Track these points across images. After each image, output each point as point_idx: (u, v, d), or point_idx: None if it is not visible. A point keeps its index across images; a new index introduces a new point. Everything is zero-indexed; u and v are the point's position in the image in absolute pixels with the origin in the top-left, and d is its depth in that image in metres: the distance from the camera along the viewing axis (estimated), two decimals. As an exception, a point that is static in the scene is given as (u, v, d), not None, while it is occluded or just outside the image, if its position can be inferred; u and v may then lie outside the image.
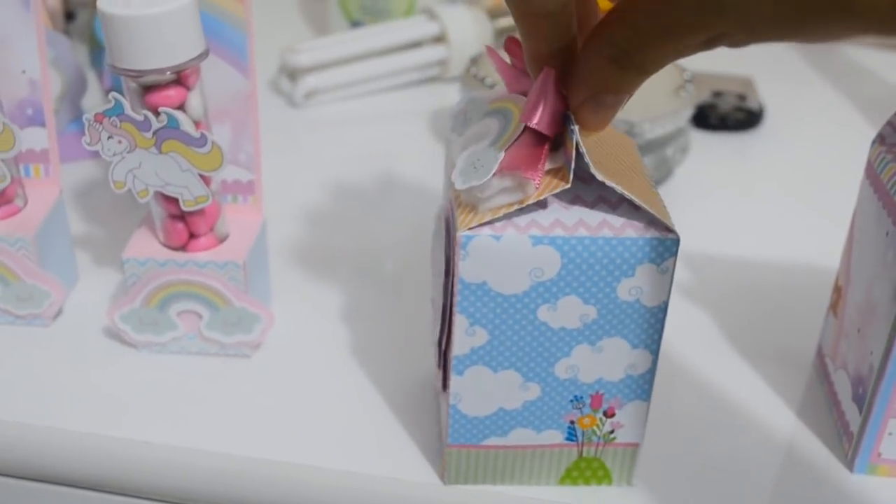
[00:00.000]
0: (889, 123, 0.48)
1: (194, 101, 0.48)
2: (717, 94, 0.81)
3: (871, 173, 0.49)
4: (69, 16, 0.83)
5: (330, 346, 0.55)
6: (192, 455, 0.48)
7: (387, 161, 0.75)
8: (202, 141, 0.47)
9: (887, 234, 0.46)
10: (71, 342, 0.54)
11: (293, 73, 0.81)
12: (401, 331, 0.56)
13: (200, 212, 0.50)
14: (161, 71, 0.46)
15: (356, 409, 0.50)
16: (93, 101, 0.75)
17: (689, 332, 0.57)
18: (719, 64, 0.83)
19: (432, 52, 0.84)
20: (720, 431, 0.51)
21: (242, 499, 0.47)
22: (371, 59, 0.83)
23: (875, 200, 0.48)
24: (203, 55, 0.47)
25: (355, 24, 0.90)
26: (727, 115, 0.80)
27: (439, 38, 0.85)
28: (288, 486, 0.47)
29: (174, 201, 0.49)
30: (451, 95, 0.83)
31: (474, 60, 0.73)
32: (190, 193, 0.49)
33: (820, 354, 0.55)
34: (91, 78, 0.78)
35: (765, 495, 0.47)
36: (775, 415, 0.52)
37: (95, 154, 0.53)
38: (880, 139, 0.49)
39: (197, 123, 0.48)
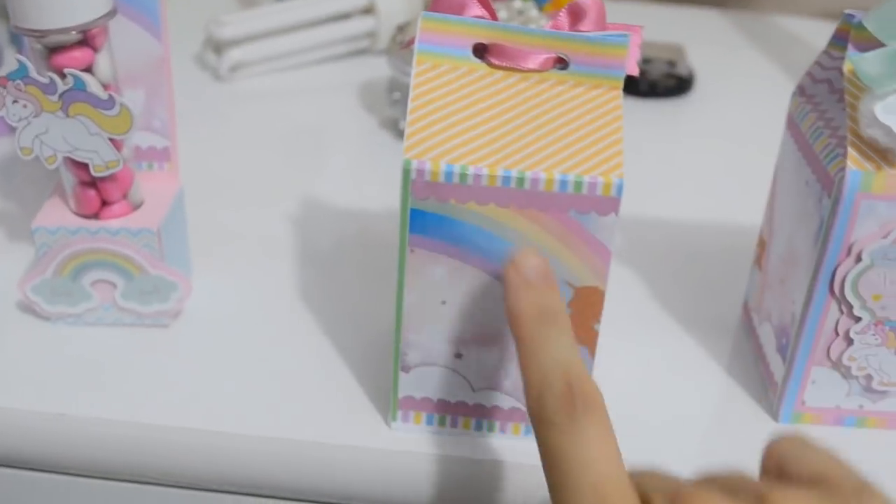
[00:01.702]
0: (808, 74, 0.48)
1: (102, 63, 0.47)
2: (647, 61, 0.81)
3: (792, 125, 0.49)
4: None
5: (251, 316, 0.54)
6: (110, 426, 0.46)
7: (316, 135, 0.74)
8: (110, 103, 0.45)
9: (807, 183, 0.46)
10: (-17, 317, 0.53)
11: (218, 46, 0.80)
12: (322, 299, 0.55)
13: (112, 178, 0.49)
14: (66, 31, 0.44)
15: (278, 375, 0.49)
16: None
17: (620, 294, 0.57)
18: (648, 31, 0.82)
19: (361, 24, 0.83)
20: (651, 389, 0.50)
21: (163, 469, 0.46)
22: (298, 31, 0.81)
23: (795, 151, 0.48)
24: (110, 14, 0.46)
25: (283, -4, 0.88)
26: (657, 82, 0.80)
27: (368, 10, 0.84)
28: (209, 453, 0.46)
29: (84, 167, 0.48)
30: (380, 68, 0.82)
31: (400, 28, 0.72)
32: (100, 158, 0.47)
33: (746, 309, 0.55)
34: (10, 56, 0.76)
35: (694, 450, 0.47)
36: (704, 371, 0.52)
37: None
38: (800, 90, 0.49)
39: (106, 86, 0.47)
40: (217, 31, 0.78)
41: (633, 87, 0.79)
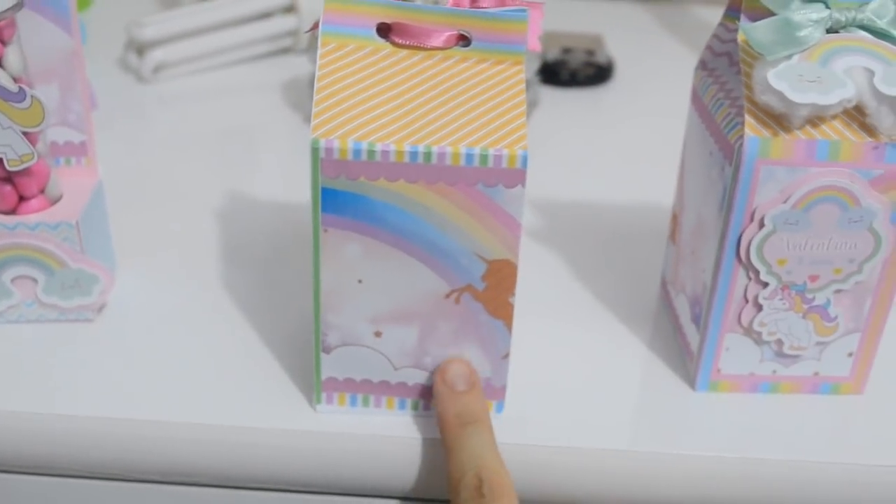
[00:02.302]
0: (708, 48, 0.49)
1: (12, 55, 0.47)
2: (567, 51, 0.82)
3: (696, 98, 0.50)
4: None
5: (176, 308, 0.54)
6: (31, 420, 0.46)
7: (241, 133, 0.74)
8: (21, 95, 0.45)
9: (710, 153, 0.47)
10: None
11: (140, 48, 0.80)
12: (247, 290, 0.55)
13: (28, 172, 0.49)
14: (-29, 24, 0.44)
15: (203, 363, 0.50)
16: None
17: (542, 275, 0.58)
18: (567, 22, 0.84)
19: (283, 23, 0.84)
20: (574, 366, 0.51)
21: (88, 460, 0.46)
22: (220, 30, 0.82)
23: (699, 124, 0.49)
24: (17, 7, 0.46)
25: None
26: (577, 71, 0.81)
27: (289, 9, 0.84)
28: (134, 442, 0.46)
29: (-1, 163, 0.48)
30: (303, 66, 0.83)
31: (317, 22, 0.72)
32: (14, 152, 0.47)
33: (663, 283, 0.56)
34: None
35: (617, 422, 0.48)
36: (626, 346, 0.53)
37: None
38: (702, 64, 0.50)
39: (16, 79, 0.47)
40: (138, 33, 0.78)
41: (554, 76, 0.81)
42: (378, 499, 0.47)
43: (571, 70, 0.81)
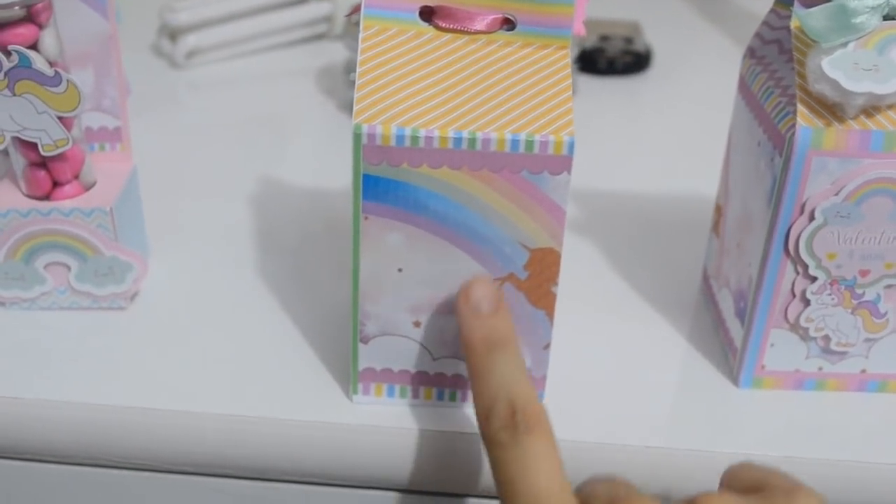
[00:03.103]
0: (757, 35, 0.48)
1: (48, 39, 0.46)
2: (604, 38, 0.81)
3: (743, 87, 0.49)
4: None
5: (209, 297, 0.53)
6: (65, 408, 0.46)
7: (275, 120, 0.74)
8: (56, 80, 0.45)
9: (759, 143, 0.46)
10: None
11: (173, 33, 0.79)
12: (281, 278, 0.55)
13: (62, 158, 0.48)
14: (9, 6, 0.44)
15: (237, 354, 0.49)
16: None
17: (581, 266, 0.57)
18: (605, 9, 0.83)
19: (317, 8, 0.83)
20: (613, 359, 0.50)
21: (122, 451, 0.46)
22: (254, 16, 0.81)
23: (747, 112, 0.48)
24: (53, -11, 0.45)
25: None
26: (615, 59, 0.80)
27: (324, -6, 0.83)
28: (169, 434, 0.45)
29: (33, 147, 0.47)
30: (337, 52, 0.82)
31: (355, 7, 0.71)
32: (48, 137, 0.47)
33: (705, 277, 0.55)
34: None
35: (657, 418, 0.47)
36: (666, 340, 0.52)
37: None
38: (750, 52, 0.49)
39: (52, 64, 0.46)
40: (171, 18, 0.78)
41: (592, 64, 0.79)
42: (415, 494, 0.46)
43: (609, 58, 0.80)
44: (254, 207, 0.61)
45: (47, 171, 0.49)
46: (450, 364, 0.45)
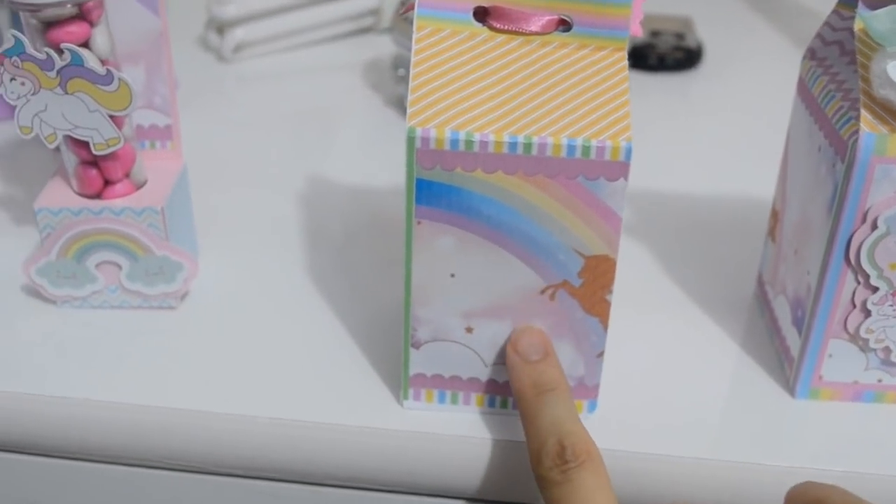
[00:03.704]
0: (818, 36, 0.47)
1: (100, 37, 0.46)
2: (655, 34, 0.80)
3: (803, 89, 0.48)
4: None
5: (259, 297, 0.53)
6: (116, 409, 0.46)
7: (321, 114, 0.73)
8: (108, 78, 0.45)
9: (819, 148, 0.45)
10: (-12, 301, 0.52)
11: (221, 27, 0.79)
12: (331, 279, 0.54)
13: (114, 156, 0.48)
14: (61, 4, 0.44)
15: (287, 356, 0.49)
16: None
17: (632, 270, 0.56)
18: (656, 4, 0.81)
19: (364, 2, 0.82)
20: (666, 366, 0.49)
21: (172, 452, 0.46)
22: (301, 9, 0.81)
23: (807, 116, 0.47)
24: (105, -12, 0.45)
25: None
26: (666, 55, 0.79)
27: (372, -12, 0.83)
28: (219, 436, 0.45)
29: (85, 146, 0.47)
30: (384, 46, 0.81)
31: (403, 2, 0.71)
32: (100, 136, 0.46)
33: (760, 282, 0.54)
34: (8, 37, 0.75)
35: (710, 427, 0.46)
36: (719, 347, 0.51)
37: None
38: (810, 53, 0.48)
39: (104, 62, 0.46)
40: (219, 11, 0.77)
41: (642, 60, 0.78)
42: (465, 501, 0.45)
43: (660, 54, 0.78)
44: (300, 203, 0.61)
45: (99, 170, 0.48)
46: (502, 371, 0.44)
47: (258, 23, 0.79)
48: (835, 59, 0.47)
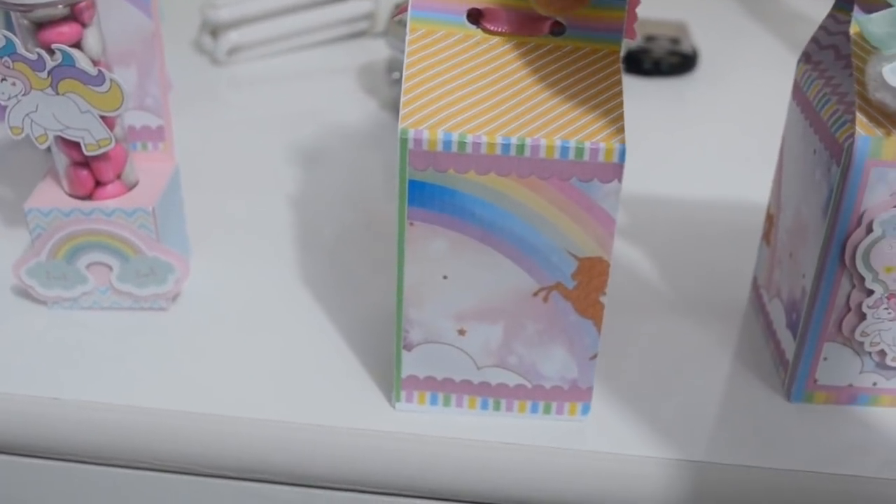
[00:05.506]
0: (813, 40, 0.47)
1: (91, 38, 0.46)
2: (650, 39, 0.79)
3: (798, 93, 0.48)
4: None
5: (251, 299, 0.53)
6: (106, 410, 0.45)
7: (315, 118, 0.73)
8: (100, 79, 0.44)
9: (814, 151, 0.45)
10: (-23, 303, 0.52)
11: (215, 30, 0.79)
12: (323, 281, 0.54)
13: (105, 157, 0.48)
14: (52, 4, 0.43)
15: (279, 357, 0.49)
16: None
17: (627, 274, 0.56)
18: (651, 9, 0.81)
19: (359, 6, 0.82)
20: (661, 369, 0.49)
21: (161, 453, 0.45)
22: (296, 13, 0.80)
23: (802, 119, 0.47)
24: (97, -12, 0.45)
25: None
26: (661, 60, 0.78)
27: (366, -8, 0.83)
28: (208, 438, 0.45)
29: (76, 147, 0.47)
30: (379, 50, 0.81)
31: (398, 6, 0.71)
32: (91, 136, 0.46)
33: (755, 286, 0.53)
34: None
35: (705, 432, 0.46)
36: (714, 351, 0.51)
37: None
38: (805, 57, 0.48)
39: (95, 62, 0.46)
40: (213, 14, 0.77)
41: (637, 65, 0.78)
42: (457, 503, 0.45)
43: (654, 59, 0.78)
44: (293, 205, 0.61)
45: (90, 171, 0.48)
46: (495, 373, 0.44)
47: (252, 26, 0.79)
48: (830, 63, 0.46)
